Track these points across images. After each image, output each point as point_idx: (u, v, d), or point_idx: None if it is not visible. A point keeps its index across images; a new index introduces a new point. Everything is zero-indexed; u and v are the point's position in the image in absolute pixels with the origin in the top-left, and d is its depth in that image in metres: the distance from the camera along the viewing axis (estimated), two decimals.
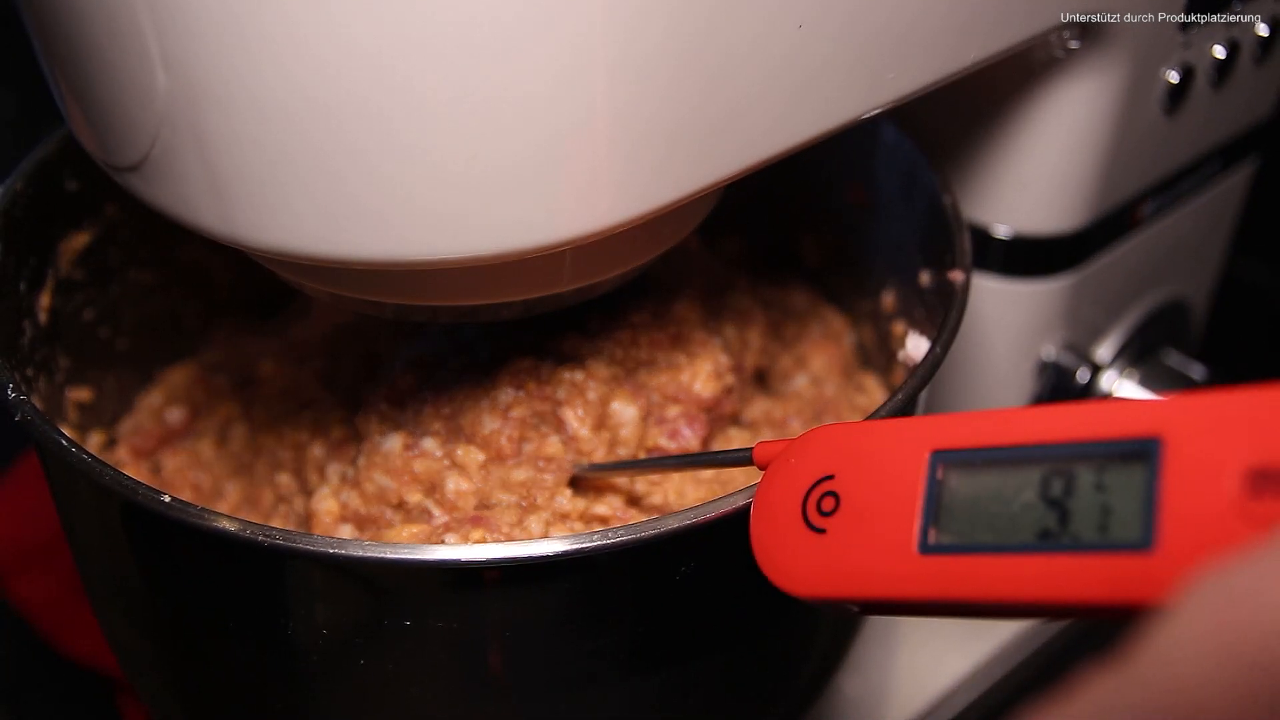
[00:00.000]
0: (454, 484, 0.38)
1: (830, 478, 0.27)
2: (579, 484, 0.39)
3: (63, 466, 0.36)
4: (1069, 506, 0.23)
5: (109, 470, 0.31)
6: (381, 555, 0.29)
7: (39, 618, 0.56)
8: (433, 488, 0.38)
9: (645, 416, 0.40)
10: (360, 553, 0.29)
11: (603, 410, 0.40)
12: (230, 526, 0.30)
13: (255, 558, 0.32)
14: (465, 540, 0.37)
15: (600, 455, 0.39)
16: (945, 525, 0.24)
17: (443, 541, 0.37)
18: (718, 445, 0.43)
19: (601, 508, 0.39)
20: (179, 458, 0.47)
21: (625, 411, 0.40)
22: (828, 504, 0.27)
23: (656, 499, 0.40)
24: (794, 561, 0.27)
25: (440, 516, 0.38)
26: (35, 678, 0.55)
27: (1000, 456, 0.24)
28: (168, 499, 0.30)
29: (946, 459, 0.25)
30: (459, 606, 0.32)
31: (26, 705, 0.54)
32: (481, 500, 0.38)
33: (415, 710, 0.34)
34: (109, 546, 0.37)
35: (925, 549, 0.24)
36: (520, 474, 0.38)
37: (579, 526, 0.38)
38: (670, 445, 0.41)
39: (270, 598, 0.33)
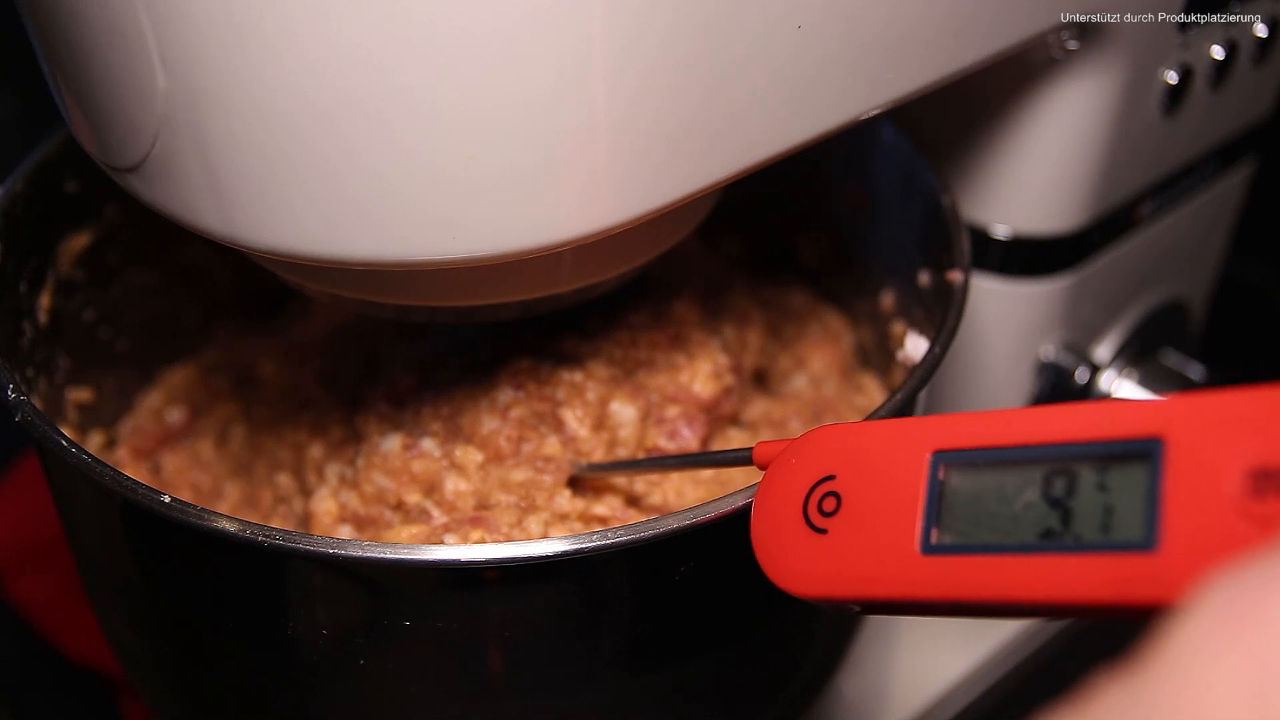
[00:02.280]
0: (453, 484, 0.38)
1: (831, 478, 0.27)
2: (578, 484, 0.39)
3: (63, 466, 0.36)
4: (1071, 506, 0.23)
5: (109, 470, 0.31)
6: (381, 555, 0.29)
7: (39, 618, 0.56)
8: (431, 488, 0.38)
9: (644, 417, 0.40)
10: (360, 553, 0.29)
11: (602, 410, 0.40)
12: (230, 526, 0.30)
13: (255, 558, 0.32)
14: (464, 541, 0.37)
15: (599, 455, 0.39)
16: (947, 525, 0.24)
17: (442, 542, 0.37)
18: (717, 445, 0.43)
19: (601, 508, 0.39)
20: (179, 458, 0.47)
21: (624, 412, 0.40)
22: (829, 504, 0.27)
23: (656, 499, 0.40)
24: (795, 562, 0.27)
25: (439, 517, 0.38)
26: (35, 678, 0.55)
27: (1002, 457, 0.24)
28: (168, 499, 0.30)
29: (948, 459, 0.25)
30: (459, 606, 0.32)
31: (26, 705, 0.54)
32: (480, 501, 0.38)
33: (415, 710, 0.34)
34: (109, 546, 0.37)
35: (927, 549, 0.24)
36: (519, 474, 0.38)
37: (578, 527, 0.38)
38: (669, 445, 0.41)
39: (270, 598, 0.33)
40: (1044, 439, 0.24)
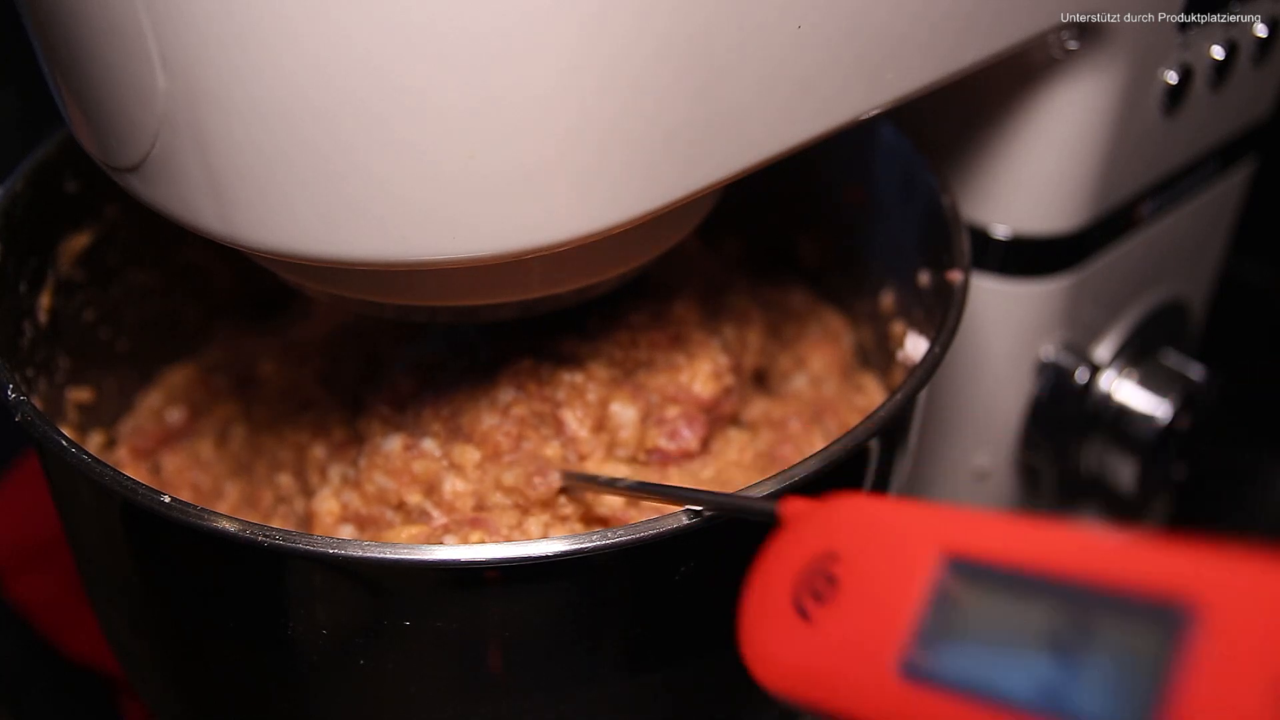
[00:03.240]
0: (451, 484, 0.38)
1: (834, 556, 0.25)
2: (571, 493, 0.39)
3: (63, 466, 0.36)
4: (1076, 665, 0.20)
5: (109, 470, 0.31)
6: (381, 555, 0.29)
7: (39, 618, 0.56)
8: (431, 488, 0.38)
9: (644, 417, 0.40)
10: (360, 553, 0.29)
11: (602, 411, 0.40)
12: (230, 526, 0.30)
13: (255, 558, 0.32)
14: (464, 542, 0.37)
15: (600, 456, 0.39)
16: (937, 650, 0.22)
17: (442, 542, 0.37)
18: (717, 445, 0.43)
19: (602, 509, 0.39)
20: (179, 458, 0.47)
21: (624, 413, 0.40)
22: (822, 587, 0.24)
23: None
24: (773, 647, 0.25)
25: (439, 518, 0.38)
26: (35, 678, 0.55)
27: (1015, 582, 0.21)
28: (168, 499, 0.30)
29: (959, 569, 0.22)
30: (459, 606, 0.32)
31: (26, 705, 0.54)
32: (479, 502, 0.38)
33: (415, 710, 0.34)
34: (109, 546, 0.37)
35: (909, 671, 0.22)
36: (518, 474, 0.38)
37: (579, 528, 0.38)
38: (669, 445, 0.41)
39: (270, 598, 0.33)
40: (1065, 570, 0.21)
